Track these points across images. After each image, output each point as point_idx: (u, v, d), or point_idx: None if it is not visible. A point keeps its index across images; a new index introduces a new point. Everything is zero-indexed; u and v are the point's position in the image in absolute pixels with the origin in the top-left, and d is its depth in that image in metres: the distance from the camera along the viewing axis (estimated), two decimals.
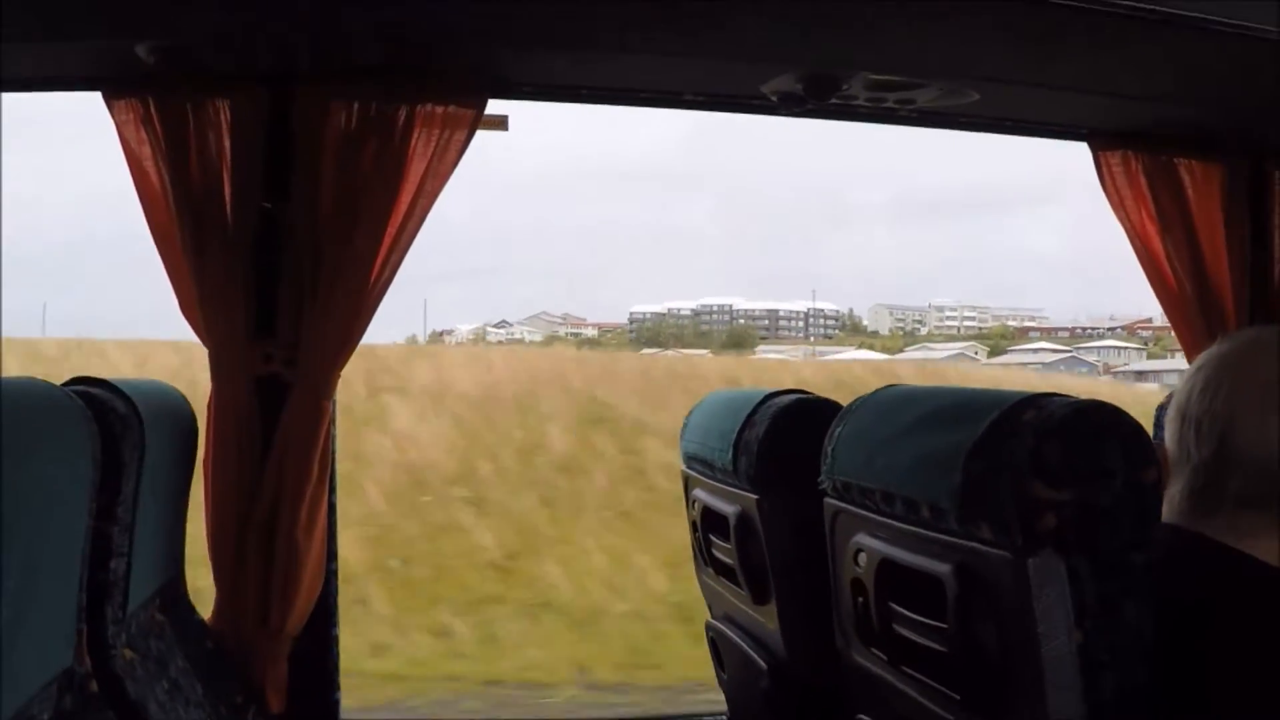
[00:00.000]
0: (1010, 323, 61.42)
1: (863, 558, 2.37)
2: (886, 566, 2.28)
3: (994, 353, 53.27)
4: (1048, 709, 1.86)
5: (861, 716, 2.56)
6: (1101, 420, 1.89)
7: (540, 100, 4.24)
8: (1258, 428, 2.26)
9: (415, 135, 3.88)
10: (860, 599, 2.40)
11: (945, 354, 50.06)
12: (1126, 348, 54.51)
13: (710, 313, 54.93)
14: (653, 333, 51.54)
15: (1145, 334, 53.76)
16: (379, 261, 3.86)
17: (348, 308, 3.84)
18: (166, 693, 2.98)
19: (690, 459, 3.60)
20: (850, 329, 60.49)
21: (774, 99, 3.94)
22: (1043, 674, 1.86)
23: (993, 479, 1.92)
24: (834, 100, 3.89)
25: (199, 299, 3.82)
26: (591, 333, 50.31)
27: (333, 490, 4.02)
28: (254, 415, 3.86)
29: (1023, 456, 1.87)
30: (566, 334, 49.27)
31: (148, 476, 2.87)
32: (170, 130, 3.82)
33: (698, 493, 3.56)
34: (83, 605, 2.30)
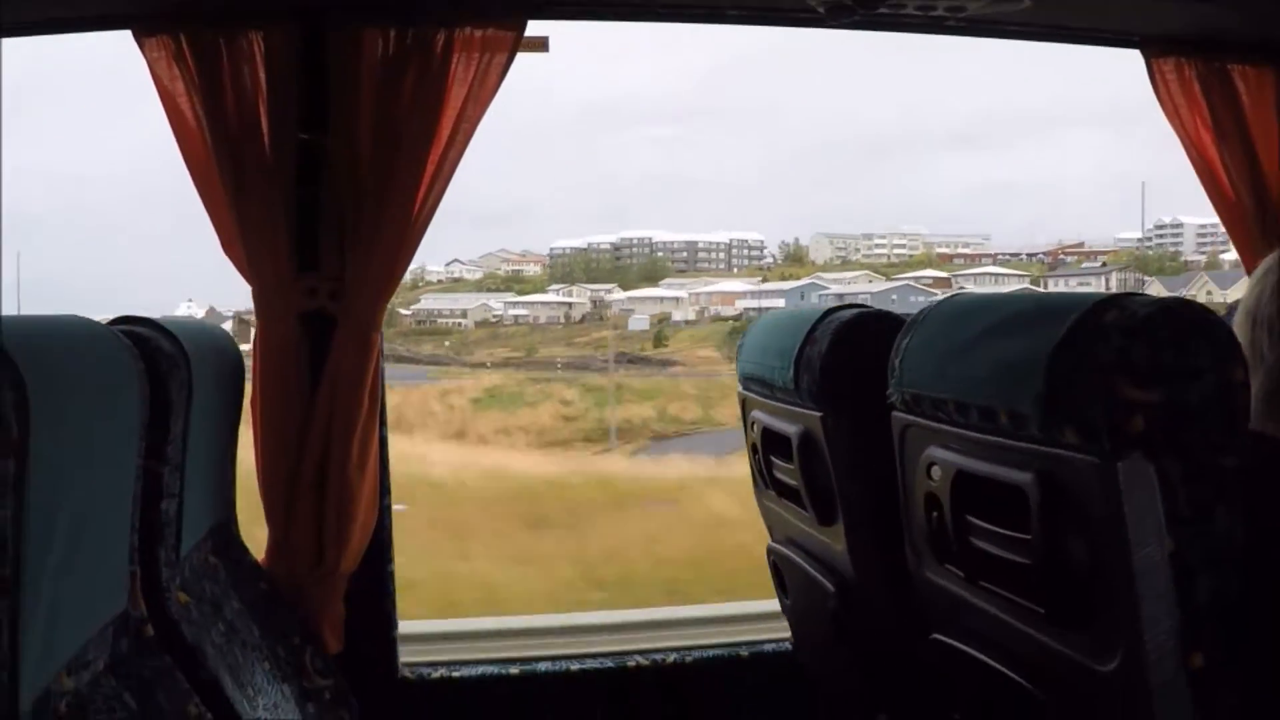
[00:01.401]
0: (943, 249, 61.42)
1: (936, 471, 2.33)
2: (962, 479, 2.23)
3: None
4: (1141, 618, 1.82)
5: (937, 636, 2.51)
6: (1188, 318, 1.83)
7: (581, 19, 4.17)
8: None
9: (454, 60, 3.83)
10: (935, 514, 2.35)
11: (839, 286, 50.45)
12: (1004, 274, 55.13)
13: (630, 246, 55.00)
14: (566, 269, 51.77)
15: (1068, 258, 54.17)
16: (422, 191, 3.82)
17: (392, 239, 3.80)
18: (223, 635, 2.96)
19: (748, 379, 3.54)
20: (793, 258, 60.56)
21: (821, 10, 3.86)
22: (1134, 582, 1.81)
23: (1078, 381, 1.86)
24: (882, 9, 3.81)
25: (241, 236, 3.78)
26: (534, 269, 50.70)
27: (383, 424, 3.99)
28: (301, 351, 3.83)
29: (1109, 357, 1.82)
30: (507, 271, 49.65)
31: (196, 416, 2.83)
32: (203, 65, 3.77)
33: (756, 414, 3.50)
34: (135, 547, 2.26)
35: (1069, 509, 1.92)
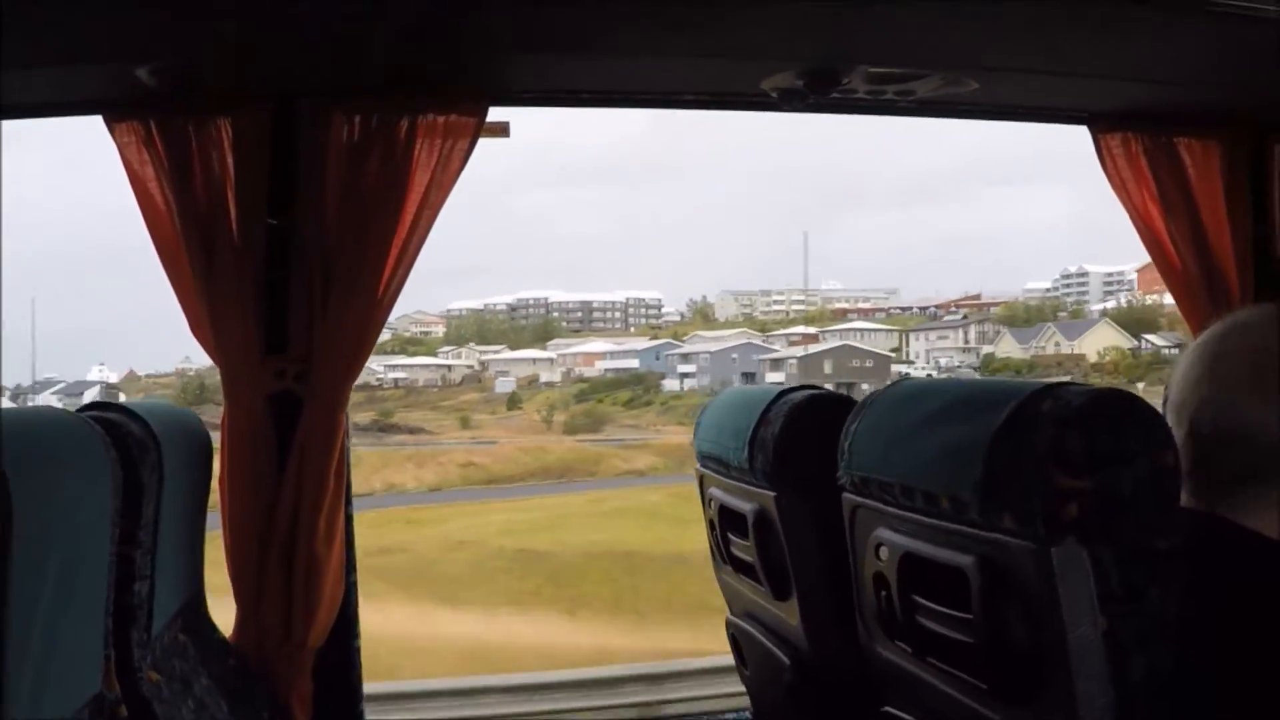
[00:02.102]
0: (842, 304, 61.52)
1: (884, 551, 2.38)
2: (908, 560, 2.29)
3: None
4: (1075, 695, 1.88)
5: (888, 709, 2.57)
6: (1119, 406, 1.90)
7: (541, 105, 4.25)
8: (1229, 409, 2.29)
9: (418, 146, 3.90)
10: (883, 593, 2.41)
11: (719, 342, 50.68)
12: (868, 329, 55.84)
13: (526, 306, 54.84)
14: (456, 331, 51.86)
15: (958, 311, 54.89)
16: (387, 273, 3.88)
17: (358, 320, 3.86)
18: (193, 712, 3.00)
19: (705, 458, 3.60)
20: (700, 315, 60.51)
21: (774, 95, 3.95)
22: (1069, 661, 1.88)
23: (1014, 469, 1.93)
24: (835, 94, 3.90)
25: (209, 319, 3.84)
26: (441, 331, 50.91)
27: (349, 502, 4.03)
28: (268, 432, 3.87)
29: (1043, 446, 1.88)
30: (417, 333, 49.91)
31: (166, 498, 2.88)
32: (173, 150, 3.83)
33: (714, 491, 3.55)
34: (109, 630, 2.31)
35: (1008, 590, 1.98)
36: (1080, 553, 1.86)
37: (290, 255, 3.89)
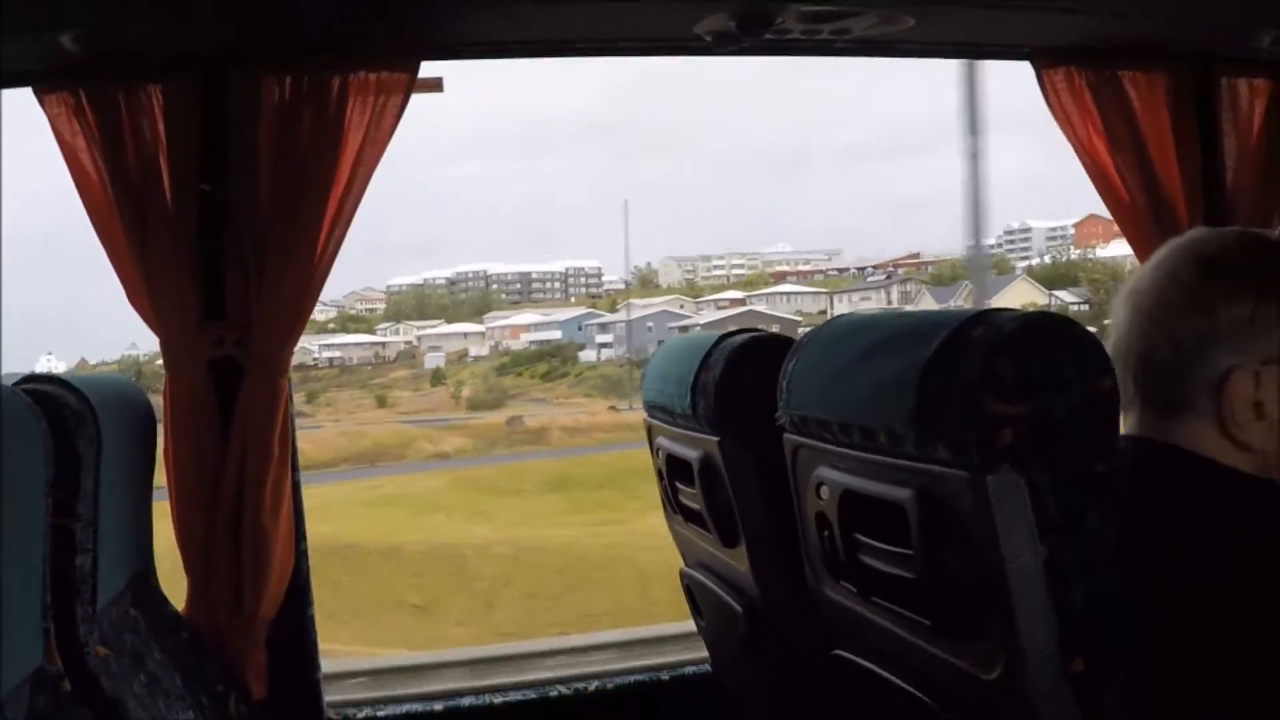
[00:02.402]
0: (783, 267, 62.28)
1: (825, 490, 2.37)
2: (849, 497, 2.28)
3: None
4: (1019, 627, 1.86)
5: (839, 652, 2.55)
6: (1052, 331, 1.89)
7: (473, 58, 4.19)
8: (1137, 328, 2.36)
9: (350, 104, 3.86)
10: (826, 533, 2.40)
11: (649, 310, 51.02)
12: (797, 292, 56.70)
13: (466, 280, 55.06)
14: (396, 307, 52.20)
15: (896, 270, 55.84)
16: (323, 235, 3.85)
17: (296, 284, 3.83)
18: (145, 687, 2.97)
19: (651, 407, 3.59)
20: (644, 282, 61.01)
21: (708, 39, 3.92)
22: (1010, 592, 1.86)
23: (946, 398, 1.91)
24: (769, 35, 3.86)
25: (146, 287, 3.80)
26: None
27: (295, 469, 4.02)
28: (210, 400, 3.84)
29: (974, 373, 1.86)
30: (363, 310, 50.21)
31: (108, 470, 2.85)
32: (103, 119, 3.80)
33: (660, 440, 3.55)
34: (48, 604, 2.28)
35: (946, 524, 1.96)
36: (1017, 480, 1.84)
37: (225, 221, 3.85)
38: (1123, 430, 2.38)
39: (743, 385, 3.01)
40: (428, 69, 3.97)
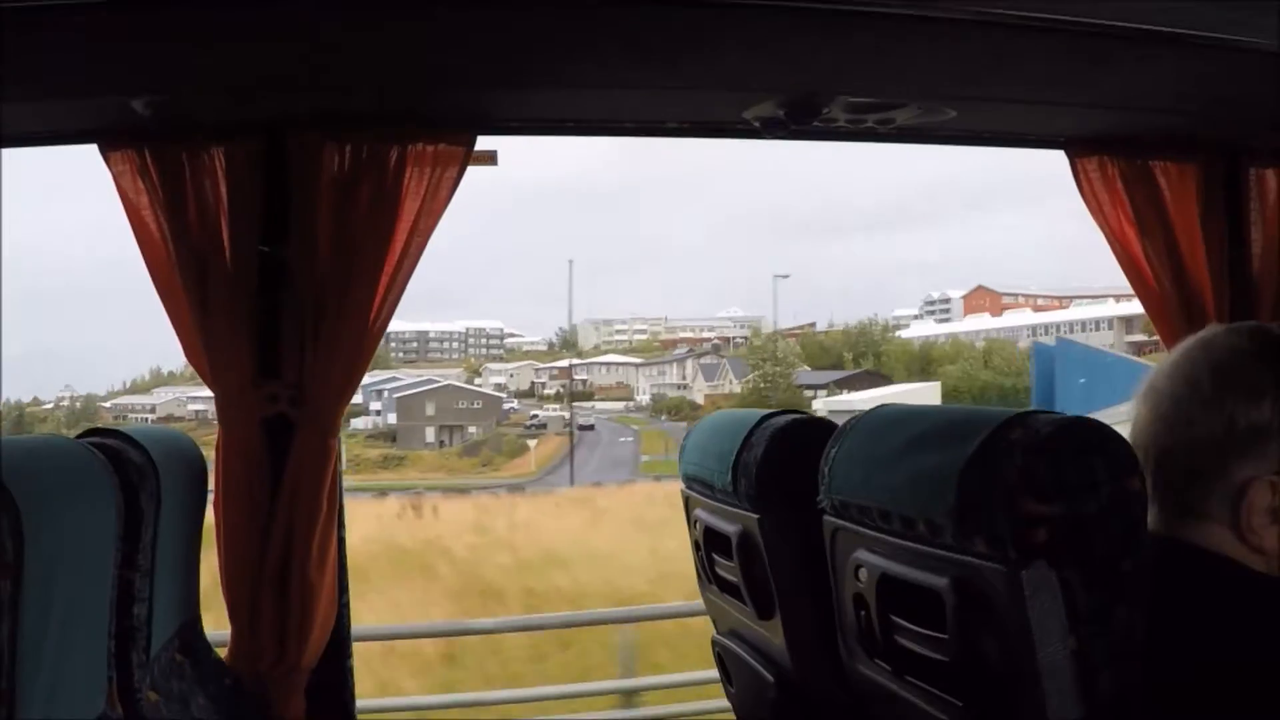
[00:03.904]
0: (686, 334, 62.50)
1: (863, 573, 2.45)
2: (886, 581, 2.36)
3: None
4: (1047, 711, 1.95)
5: None
6: (1086, 435, 1.98)
7: (527, 135, 4.31)
8: (1161, 430, 2.38)
9: (408, 174, 3.95)
10: (862, 613, 2.47)
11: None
12: (619, 363, 57.33)
13: None
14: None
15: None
16: (378, 300, 3.94)
17: (350, 346, 3.92)
18: None
19: (690, 480, 3.66)
20: (567, 344, 61.24)
21: (756, 124, 4.01)
22: (1040, 679, 1.95)
23: (985, 496, 2.01)
24: (815, 123, 3.96)
25: (204, 344, 3.89)
26: None
27: (341, 525, 4.09)
28: (262, 455, 3.92)
29: (1012, 474, 1.96)
30: None
31: (164, 522, 2.93)
32: (167, 179, 3.88)
33: (699, 513, 3.61)
34: (113, 653, 2.38)
35: (981, 611, 2.05)
36: (1049, 575, 1.94)
37: (283, 282, 3.94)
38: None
39: (784, 466, 3.09)
40: (483, 142, 4.06)
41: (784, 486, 3.05)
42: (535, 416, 66.61)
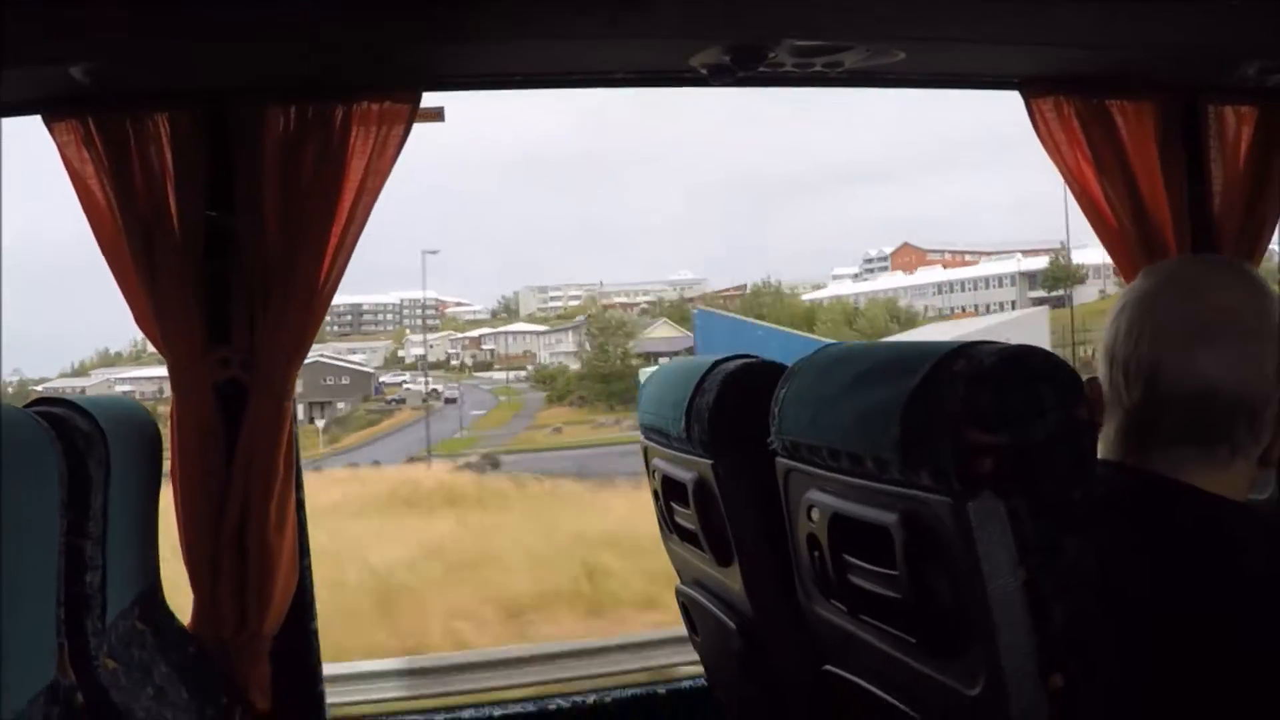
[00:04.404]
0: (621, 299, 62.94)
1: (815, 513, 2.44)
2: (838, 520, 2.35)
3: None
4: (998, 644, 1.94)
5: (829, 667, 2.62)
6: (1031, 364, 1.97)
7: (473, 90, 4.27)
8: (1184, 365, 2.35)
9: (353, 134, 3.93)
10: (816, 553, 2.47)
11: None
12: (531, 331, 58.01)
13: None
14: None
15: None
16: (327, 261, 3.92)
17: (300, 308, 3.90)
18: (152, 699, 3.03)
19: (647, 430, 3.66)
20: (508, 312, 61.51)
21: (704, 71, 3.99)
22: (991, 611, 1.94)
23: (929, 428, 1.99)
24: (762, 68, 3.93)
25: (154, 311, 3.87)
26: None
27: (299, 487, 4.07)
28: (216, 421, 3.90)
29: (955, 404, 1.95)
30: None
31: (116, 490, 2.91)
32: (112, 148, 3.86)
33: (657, 462, 3.62)
34: (61, 619, 2.35)
35: (930, 546, 2.04)
36: (997, 505, 1.93)
37: (231, 247, 3.92)
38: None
39: (735, 410, 3.08)
40: (429, 99, 4.04)
41: (737, 431, 3.03)
42: (396, 390, 66.35)
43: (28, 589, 2.13)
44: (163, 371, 4.00)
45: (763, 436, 2.68)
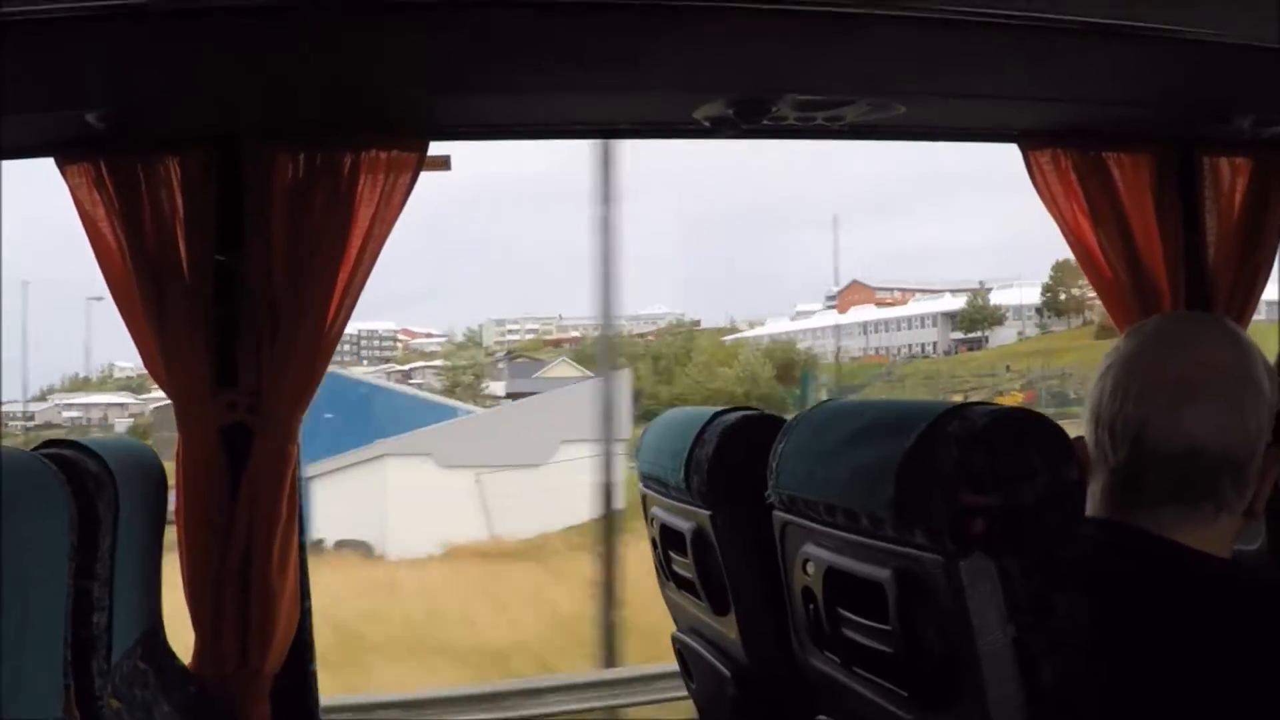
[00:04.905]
0: (574, 333, 62.81)
1: (811, 566, 2.48)
2: (833, 574, 2.39)
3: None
4: (987, 699, 1.98)
5: (821, 717, 2.66)
6: (1021, 425, 2.01)
7: (478, 140, 4.33)
8: (1169, 424, 2.38)
9: (362, 181, 3.96)
10: (811, 606, 2.51)
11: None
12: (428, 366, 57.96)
13: None
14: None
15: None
16: (333, 307, 3.95)
17: (306, 353, 3.93)
18: None
19: (646, 478, 3.70)
20: (471, 342, 61.49)
21: (707, 124, 4.03)
22: (980, 667, 1.98)
23: (923, 488, 2.04)
24: (765, 121, 3.98)
25: (161, 353, 3.90)
26: None
27: (303, 530, 4.10)
28: (221, 463, 3.92)
29: (949, 466, 1.99)
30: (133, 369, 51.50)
31: (123, 531, 2.93)
32: (123, 190, 3.89)
33: (655, 510, 3.65)
34: (68, 661, 2.39)
35: (923, 602, 2.08)
36: (988, 564, 1.97)
37: (239, 291, 3.95)
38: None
39: (735, 462, 3.13)
40: (435, 148, 4.08)
41: (735, 483, 3.08)
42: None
43: (37, 630, 2.17)
44: (110, 398, 4.02)
45: (761, 489, 2.72)
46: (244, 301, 3.95)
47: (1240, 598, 2.32)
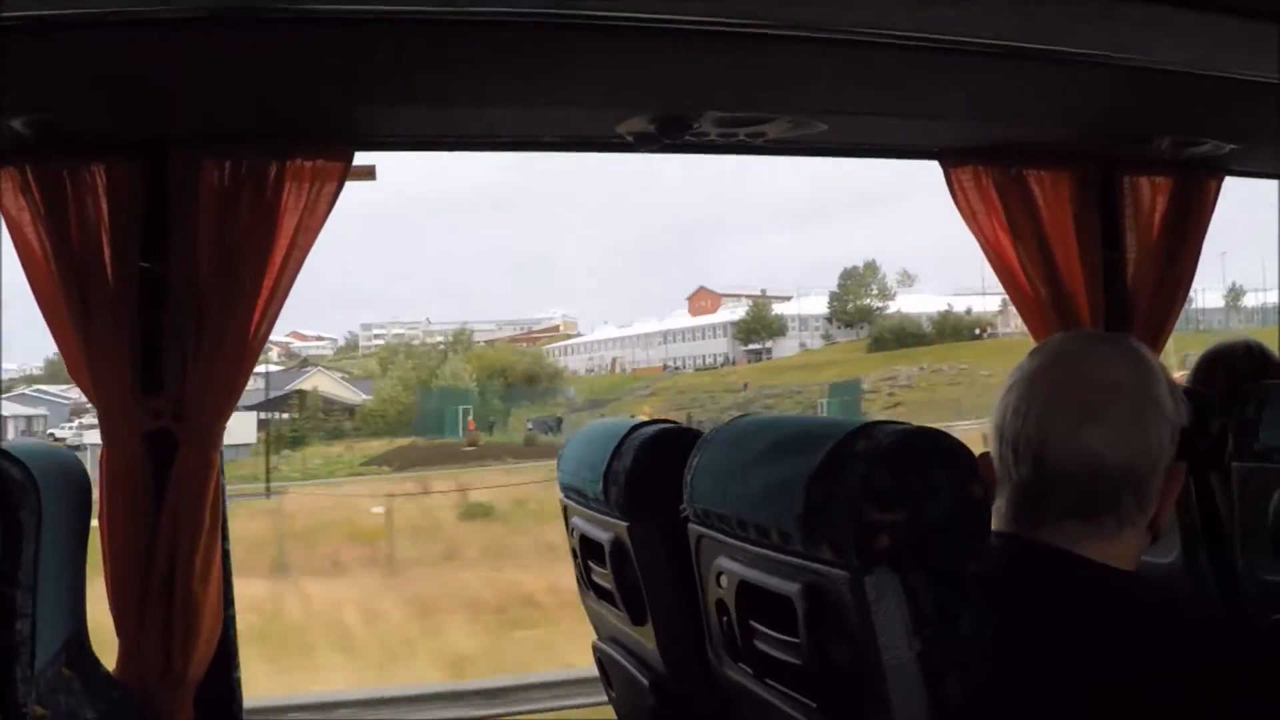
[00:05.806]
0: (438, 337, 63.34)
1: (724, 579, 2.51)
2: (745, 587, 2.42)
3: None
4: (893, 712, 2.02)
5: None
6: (926, 444, 2.05)
7: (404, 150, 4.39)
8: (1070, 442, 2.42)
9: (286, 190, 3.98)
10: (725, 618, 2.54)
11: None
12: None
13: None
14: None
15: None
16: (257, 315, 3.97)
17: (230, 361, 3.94)
18: None
19: (567, 489, 3.73)
20: (351, 347, 61.96)
21: (630, 139, 4.07)
22: (886, 680, 2.01)
23: (830, 505, 2.07)
24: (688, 137, 4.02)
25: (86, 360, 3.90)
26: None
27: (225, 538, 4.11)
28: (145, 471, 3.93)
29: (855, 483, 2.03)
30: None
31: (47, 537, 2.92)
32: (48, 197, 3.89)
33: (576, 521, 3.68)
34: None
35: (830, 616, 2.11)
36: (893, 579, 2.00)
37: (164, 298, 3.96)
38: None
39: (651, 475, 3.15)
40: (361, 158, 4.11)
41: (652, 495, 3.11)
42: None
43: None
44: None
45: (677, 501, 2.75)
46: (169, 308, 3.96)
47: (1142, 608, 2.36)
